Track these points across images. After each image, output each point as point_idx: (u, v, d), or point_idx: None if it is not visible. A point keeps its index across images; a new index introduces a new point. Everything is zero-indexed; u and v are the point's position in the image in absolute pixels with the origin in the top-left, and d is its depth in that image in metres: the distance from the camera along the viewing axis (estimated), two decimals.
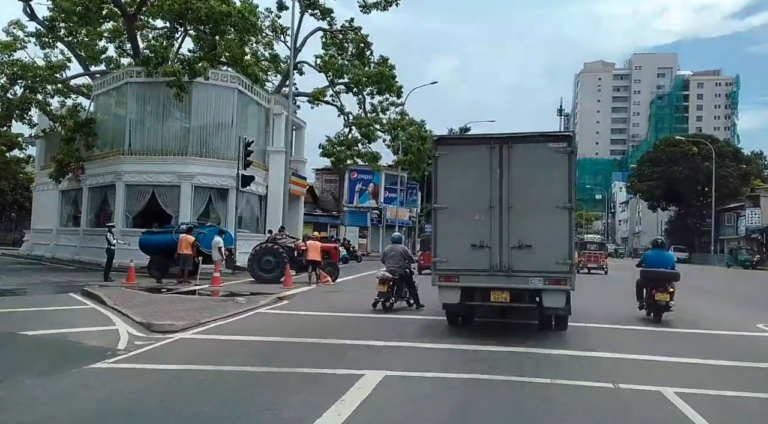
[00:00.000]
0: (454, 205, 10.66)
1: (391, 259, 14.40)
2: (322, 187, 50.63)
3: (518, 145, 10.49)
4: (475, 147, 10.80)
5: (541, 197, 10.30)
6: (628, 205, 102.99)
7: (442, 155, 10.77)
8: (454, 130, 62.18)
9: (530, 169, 10.40)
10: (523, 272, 10.30)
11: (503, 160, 10.41)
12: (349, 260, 38.52)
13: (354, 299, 16.85)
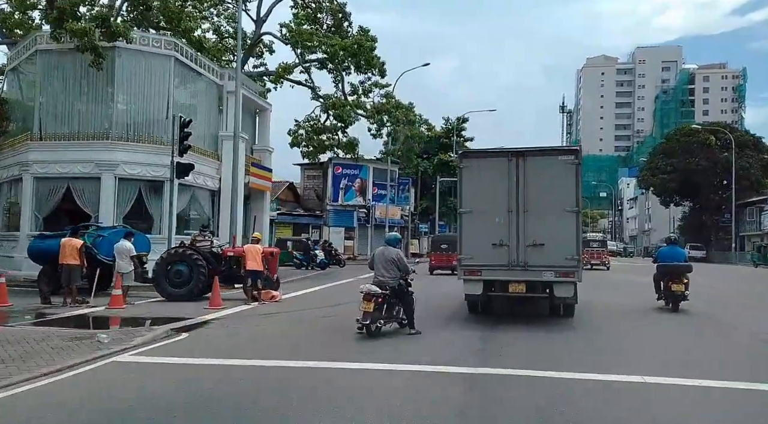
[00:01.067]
0: (477, 210, 12.26)
1: (381, 266, 10.57)
2: (304, 185, 45.24)
3: (532, 158, 12.14)
4: (495, 159, 12.43)
5: (552, 202, 11.88)
6: (636, 202, 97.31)
7: (466, 167, 12.43)
8: (452, 121, 56.84)
9: (543, 179, 11.97)
10: (537, 266, 11.87)
11: (519, 170, 12.01)
12: (327, 265, 33.07)
13: (312, 328, 11.71)
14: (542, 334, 11.00)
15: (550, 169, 12.02)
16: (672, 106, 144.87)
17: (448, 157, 54.15)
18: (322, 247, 35.58)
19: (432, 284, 22.64)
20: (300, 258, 32.65)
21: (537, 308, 13.65)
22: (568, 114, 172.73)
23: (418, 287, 11.73)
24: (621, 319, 13.57)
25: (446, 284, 21.02)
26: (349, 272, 30.56)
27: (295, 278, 25.87)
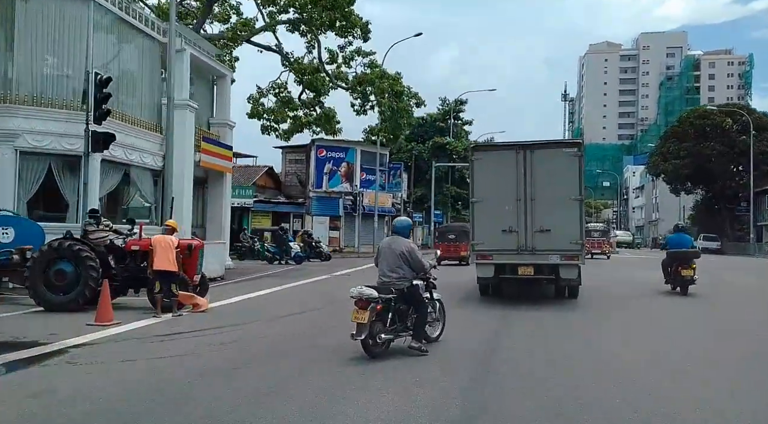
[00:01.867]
0: (487, 199, 13.59)
1: (387, 263, 8.08)
2: (285, 169, 40.84)
3: (539, 150, 13.37)
4: (504, 152, 13.95)
5: (557, 191, 13.03)
6: (643, 191, 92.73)
7: (478, 159, 13.88)
8: (449, 102, 52.40)
9: (548, 169, 13.13)
10: (544, 250, 13.09)
11: (527, 162, 13.21)
12: (305, 259, 28.75)
13: (248, 354, 8.17)
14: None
15: (555, 160, 13.18)
16: (677, 93, 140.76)
17: (444, 140, 49.75)
18: (301, 238, 31.26)
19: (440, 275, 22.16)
20: (272, 251, 28.34)
21: (544, 291, 15.08)
22: (570, 102, 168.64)
23: None
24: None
25: (457, 274, 20.78)
26: (329, 267, 26.32)
27: (256, 276, 21.56)
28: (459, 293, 15.17)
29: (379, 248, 8.43)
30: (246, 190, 36.83)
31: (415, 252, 8.08)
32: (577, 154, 13.03)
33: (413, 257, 7.95)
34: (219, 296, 13.96)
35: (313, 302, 13.85)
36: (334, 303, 13.13)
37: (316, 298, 14.82)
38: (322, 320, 11.01)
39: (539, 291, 15.00)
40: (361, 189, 39.47)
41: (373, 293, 7.40)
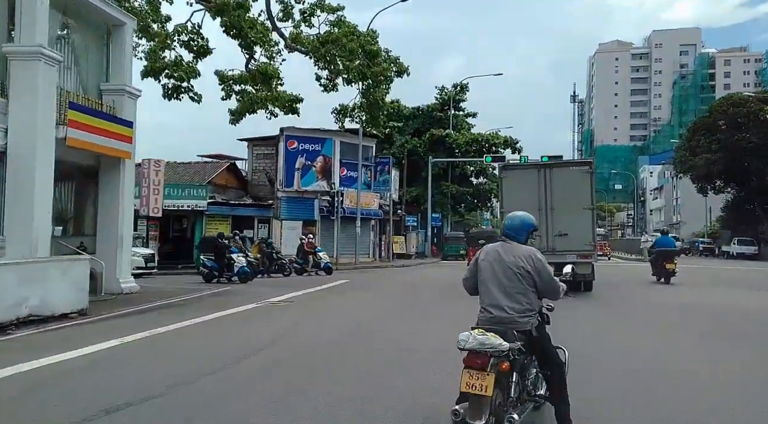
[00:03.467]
0: (514, 208, 12.30)
1: (497, 284, 4.49)
2: (252, 165, 33.85)
3: (556, 168, 16.69)
4: (528, 170, 17.41)
5: (572, 202, 15.93)
6: (662, 192, 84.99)
7: (506, 176, 17.16)
8: (447, 90, 45.34)
9: (565, 184, 16.14)
10: (563, 251, 15.55)
11: (547, 178, 16.20)
12: (253, 276, 21.74)
13: None
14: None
15: (570, 176, 16.49)
16: (691, 92, 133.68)
17: (442, 132, 42.63)
18: (257, 247, 24.28)
19: None
20: (209, 266, 21.31)
21: None
22: (580, 103, 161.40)
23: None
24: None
25: None
26: (282, 288, 19.38)
27: (150, 306, 14.42)
28: None
29: (477, 262, 4.69)
30: (198, 189, 29.89)
31: (546, 267, 4.56)
32: (588, 171, 16.36)
33: (544, 275, 4.51)
34: None
35: (213, 361, 6.96)
36: (217, 373, 6.78)
37: (186, 362, 7.76)
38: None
39: None
40: (341, 188, 32.41)
41: (501, 342, 4.00)
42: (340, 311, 13.44)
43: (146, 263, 24.14)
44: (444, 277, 24.19)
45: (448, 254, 39.89)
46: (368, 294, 17.00)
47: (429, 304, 14.61)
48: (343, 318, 11.96)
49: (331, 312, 13.09)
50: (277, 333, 9.99)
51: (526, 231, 4.74)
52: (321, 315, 12.49)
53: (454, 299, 14.11)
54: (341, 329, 10.68)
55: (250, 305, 14.47)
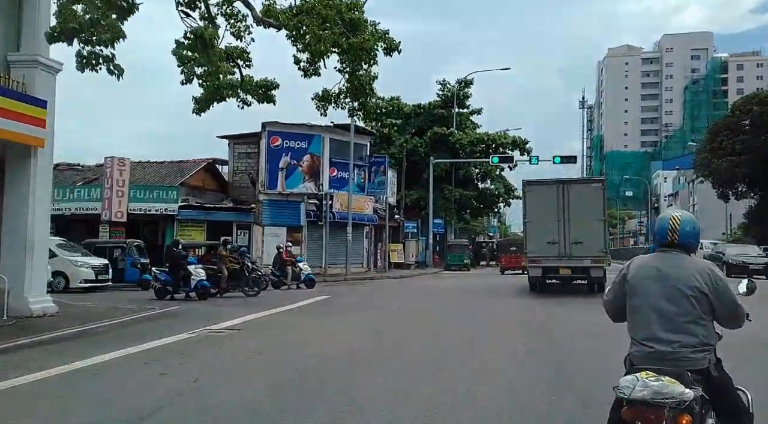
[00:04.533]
0: (536, 220, 18.58)
1: (656, 309, 3.28)
2: (234, 166, 30.36)
3: (573, 185, 18.96)
4: (549, 186, 18.87)
5: (587, 214, 17.85)
6: (677, 198, 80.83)
7: (529, 191, 19.15)
8: (451, 86, 41.79)
9: (580, 198, 18.06)
10: (578, 256, 17.77)
11: (565, 193, 18.09)
12: (210, 294, 18.19)
13: None
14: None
15: (585, 192, 18.67)
16: (703, 97, 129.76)
17: (445, 131, 39.00)
18: (229, 256, 20.64)
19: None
20: (162, 279, 17.74)
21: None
22: (589, 109, 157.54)
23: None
24: None
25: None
26: (242, 307, 15.89)
27: (71, 332, 10.91)
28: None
29: (626, 280, 3.52)
30: (169, 191, 26.44)
31: (728, 286, 3.38)
32: (601, 188, 18.95)
33: (725, 298, 3.35)
34: None
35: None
36: None
37: None
38: None
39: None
40: (331, 190, 28.83)
41: (683, 391, 2.98)
42: (287, 349, 9.82)
43: (97, 275, 20.73)
44: (446, 291, 20.60)
45: (451, 263, 36.23)
46: (341, 320, 13.38)
47: (424, 338, 10.96)
48: (282, 364, 8.34)
49: (273, 351, 9.47)
50: (171, 394, 6.43)
51: (696, 239, 3.47)
52: (255, 358, 8.87)
53: (466, 328, 10.58)
54: (272, 381, 7.09)
55: (182, 334, 10.89)
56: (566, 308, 14.96)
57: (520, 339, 10.15)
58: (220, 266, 18.83)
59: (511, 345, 9.51)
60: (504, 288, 22.03)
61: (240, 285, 18.92)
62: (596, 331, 9.69)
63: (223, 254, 19.15)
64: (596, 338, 9.55)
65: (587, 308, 14.20)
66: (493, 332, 11.11)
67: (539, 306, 15.53)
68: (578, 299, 17.12)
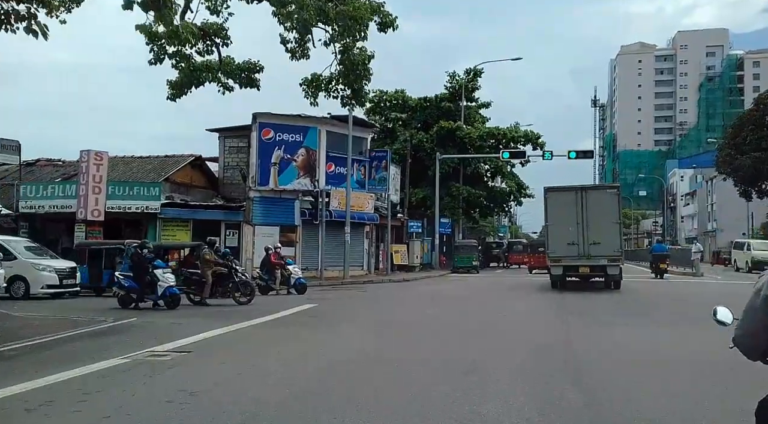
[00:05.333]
0: (557, 223, 20.28)
1: None
2: (224, 161, 28.15)
3: (591, 191, 21.04)
4: (568, 192, 20.61)
5: (603, 217, 19.57)
6: (695, 197, 77.80)
7: (550, 197, 20.75)
8: (459, 77, 39.37)
9: (597, 203, 19.86)
10: (596, 256, 19.42)
11: (583, 198, 19.79)
12: (198, 302, 15.96)
13: None
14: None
15: (601, 197, 20.51)
16: (718, 94, 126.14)
17: (452, 124, 36.54)
18: (215, 259, 18.24)
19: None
20: (126, 285, 15.48)
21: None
22: (601, 108, 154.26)
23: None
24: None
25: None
26: (212, 318, 13.68)
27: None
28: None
29: None
30: (150, 188, 24.25)
31: None
32: (616, 194, 20.88)
33: None
34: None
35: None
36: None
37: None
38: None
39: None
40: (328, 187, 26.52)
41: None
42: (237, 385, 7.43)
43: (62, 280, 18.56)
44: (450, 297, 18.19)
45: (459, 265, 33.77)
46: (322, 337, 11.00)
47: (429, 363, 8.57)
48: (219, 412, 5.97)
49: (216, 389, 7.06)
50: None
51: None
52: (185, 400, 6.45)
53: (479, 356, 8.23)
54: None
55: (114, 359, 8.57)
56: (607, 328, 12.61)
57: (556, 381, 7.78)
58: (204, 269, 16.55)
59: (541, 388, 7.12)
60: (517, 293, 19.75)
61: (230, 291, 16.62)
62: None
63: (207, 257, 16.80)
64: None
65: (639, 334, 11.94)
66: (516, 376, 8.71)
67: (561, 323, 13.13)
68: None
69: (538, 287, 24.02)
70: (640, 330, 11.39)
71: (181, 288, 16.65)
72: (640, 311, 14.50)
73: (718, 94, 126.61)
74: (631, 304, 16.42)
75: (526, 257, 37.65)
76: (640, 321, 12.68)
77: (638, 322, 12.56)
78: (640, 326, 11.95)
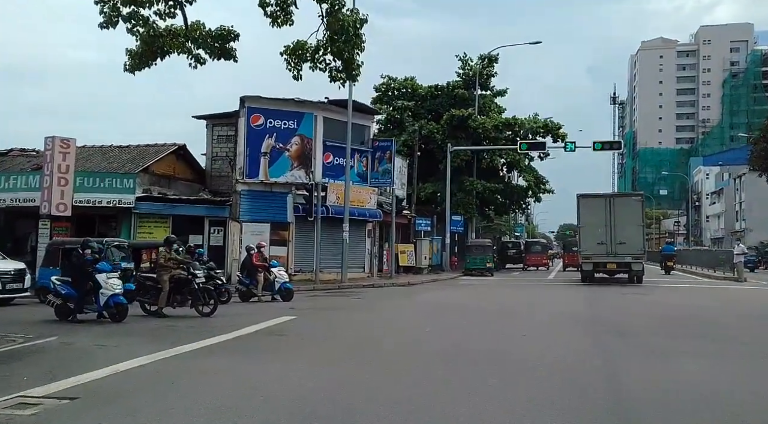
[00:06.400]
0: (588, 225, 23.51)
1: None
2: (213, 151, 25.35)
3: (618, 198, 25.85)
4: (598, 198, 24.31)
5: (628, 221, 22.87)
6: (722, 196, 73.80)
7: (583, 203, 24.02)
8: (473, 63, 36.22)
9: (624, 208, 23.20)
10: (622, 254, 22.66)
11: (611, 204, 23.26)
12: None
13: None
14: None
15: (627, 203, 24.07)
16: (742, 91, 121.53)
17: (465, 112, 33.41)
18: (172, 260, 15.18)
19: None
20: (64, 293, 12.66)
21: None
22: (620, 105, 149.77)
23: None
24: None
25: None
26: (158, 339, 10.80)
27: None
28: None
29: None
30: (124, 180, 21.49)
31: None
32: (639, 200, 24.42)
33: None
34: None
35: None
36: None
37: None
38: None
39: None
40: (325, 179, 23.60)
41: None
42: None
43: (5, 285, 15.82)
44: (461, 309, 14.99)
45: (472, 267, 30.63)
46: (269, 373, 7.96)
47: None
48: None
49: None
50: None
51: None
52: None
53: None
54: None
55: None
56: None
57: None
58: (160, 274, 13.69)
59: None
60: (538, 301, 16.59)
61: (191, 300, 13.72)
62: None
63: (162, 260, 13.91)
64: None
65: None
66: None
67: (596, 347, 10.03)
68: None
69: (561, 292, 20.94)
70: (707, 362, 8.31)
71: (138, 296, 13.89)
72: (696, 332, 11.32)
73: (743, 91, 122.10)
74: (677, 320, 13.20)
75: (545, 258, 41.04)
76: (701, 347, 9.56)
77: (698, 348, 9.45)
78: (704, 354, 8.86)
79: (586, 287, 22.70)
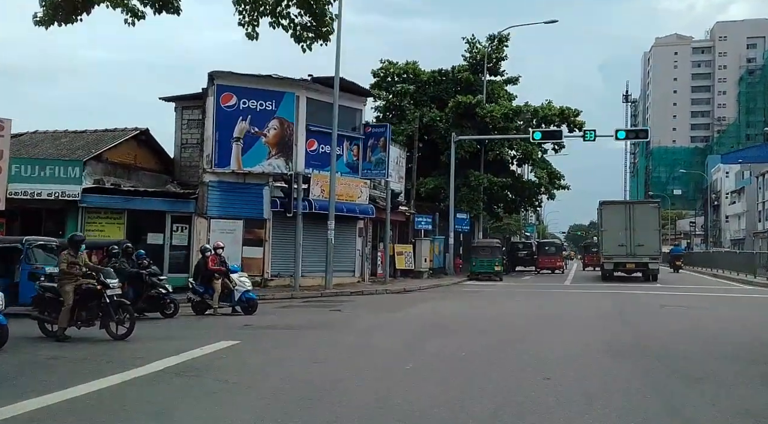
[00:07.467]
0: (610, 229, 26.06)
1: None
2: (182, 138, 22.02)
3: (636, 205, 30.65)
4: (619, 206, 27.51)
5: (646, 225, 25.61)
6: (743, 195, 69.71)
7: (605, 209, 26.92)
8: (481, 45, 32.75)
9: (641, 214, 26.02)
10: (640, 255, 25.40)
11: (630, 210, 26.15)
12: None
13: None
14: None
15: (645, 210, 26.77)
16: (759, 88, 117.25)
17: (471, 99, 29.91)
18: (64, 265, 11.10)
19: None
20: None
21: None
22: (633, 103, 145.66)
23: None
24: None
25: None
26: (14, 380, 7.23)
27: None
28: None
29: None
30: (69, 167, 18.19)
31: None
32: (656, 207, 27.10)
33: None
34: None
35: None
36: None
37: None
38: None
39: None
40: (308, 169, 20.26)
41: None
42: None
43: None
44: (459, 327, 11.17)
45: (478, 270, 27.08)
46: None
47: None
48: None
49: None
50: None
51: None
52: None
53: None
54: None
55: None
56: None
57: None
58: (62, 284, 10.31)
59: None
60: (555, 314, 12.98)
61: (101, 317, 10.33)
62: None
63: (64, 268, 10.41)
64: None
65: None
66: None
67: (643, 386, 6.46)
68: None
69: (584, 302, 17.38)
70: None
71: (37, 311, 10.58)
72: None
73: (759, 88, 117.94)
74: (734, 346, 9.62)
75: (560, 260, 39.77)
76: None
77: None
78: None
79: (611, 295, 19.23)
